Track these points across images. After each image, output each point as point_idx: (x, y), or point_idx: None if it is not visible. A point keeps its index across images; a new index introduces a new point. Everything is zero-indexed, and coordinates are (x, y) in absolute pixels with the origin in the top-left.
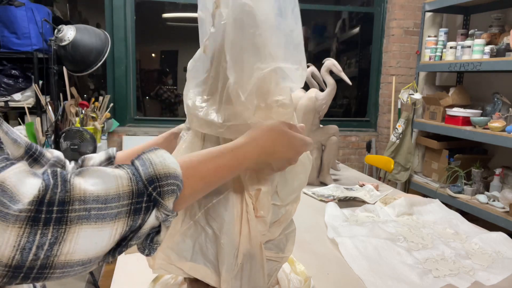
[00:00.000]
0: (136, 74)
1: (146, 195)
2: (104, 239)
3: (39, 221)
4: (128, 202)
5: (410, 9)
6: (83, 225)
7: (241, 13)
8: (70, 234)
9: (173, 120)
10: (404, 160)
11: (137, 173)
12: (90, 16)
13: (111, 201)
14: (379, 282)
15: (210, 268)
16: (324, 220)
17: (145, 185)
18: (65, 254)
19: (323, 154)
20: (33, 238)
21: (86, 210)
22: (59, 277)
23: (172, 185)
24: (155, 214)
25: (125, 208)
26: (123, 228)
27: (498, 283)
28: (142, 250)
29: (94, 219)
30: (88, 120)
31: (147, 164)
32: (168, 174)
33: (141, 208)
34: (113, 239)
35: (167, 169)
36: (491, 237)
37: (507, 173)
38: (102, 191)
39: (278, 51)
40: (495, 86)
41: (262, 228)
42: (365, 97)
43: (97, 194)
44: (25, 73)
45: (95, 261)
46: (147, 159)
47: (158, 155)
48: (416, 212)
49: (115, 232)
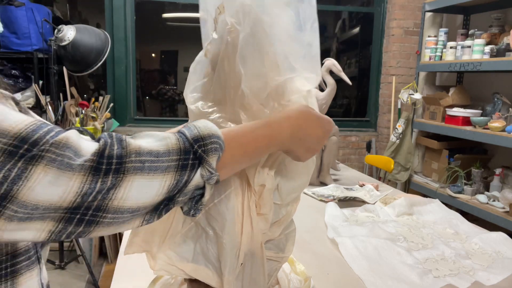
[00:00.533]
0: (136, 74)
1: (192, 152)
2: (154, 189)
3: (100, 171)
4: (177, 158)
5: (410, 9)
6: (137, 175)
7: (258, 30)
8: (125, 182)
9: (173, 120)
10: (404, 160)
11: (184, 135)
12: (90, 16)
13: (162, 155)
14: (379, 282)
15: (211, 270)
16: (324, 220)
17: (191, 144)
18: (118, 199)
19: (323, 154)
20: (94, 186)
21: (140, 162)
22: (109, 223)
23: (215, 143)
24: (200, 172)
25: (174, 163)
26: (171, 181)
27: (498, 283)
28: (188, 211)
29: (147, 171)
30: (88, 120)
31: (192, 128)
32: (211, 134)
33: (188, 164)
34: (162, 191)
35: (209, 130)
36: (491, 237)
37: (507, 173)
38: (155, 147)
39: (296, 63)
40: (495, 86)
41: (263, 227)
42: (365, 97)
43: (150, 148)
44: (25, 73)
45: (142, 211)
46: (192, 125)
47: (201, 122)
48: (416, 212)
49: (164, 184)
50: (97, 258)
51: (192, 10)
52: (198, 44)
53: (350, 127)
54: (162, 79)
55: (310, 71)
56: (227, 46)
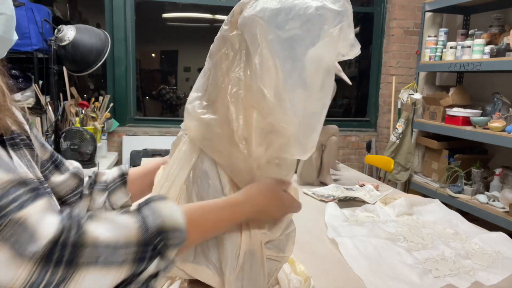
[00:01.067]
0: (136, 74)
1: (152, 245)
2: (107, 282)
3: (51, 261)
4: (135, 250)
5: (410, 9)
6: (90, 269)
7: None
8: (77, 276)
9: (173, 120)
10: (404, 160)
11: (145, 224)
12: (90, 16)
13: (120, 247)
14: (379, 282)
15: (212, 270)
16: (324, 220)
17: (152, 237)
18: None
19: (323, 154)
20: (43, 277)
21: (96, 255)
22: None
23: (177, 239)
24: (156, 263)
25: (132, 256)
26: (126, 273)
27: (498, 283)
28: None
29: (102, 264)
30: (88, 120)
31: (156, 215)
32: (175, 228)
33: (146, 257)
34: (115, 282)
35: (174, 223)
36: (491, 237)
37: (507, 173)
38: (113, 237)
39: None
40: (495, 86)
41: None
42: (365, 97)
43: (108, 241)
44: (25, 73)
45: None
46: (157, 210)
47: (167, 206)
48: (416, 212)
49: (118, 277)
50: None
51: (192, 10)
52: (198, 44)
53: (350, 127)
54: (162, 79)
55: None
56: (227, 47)
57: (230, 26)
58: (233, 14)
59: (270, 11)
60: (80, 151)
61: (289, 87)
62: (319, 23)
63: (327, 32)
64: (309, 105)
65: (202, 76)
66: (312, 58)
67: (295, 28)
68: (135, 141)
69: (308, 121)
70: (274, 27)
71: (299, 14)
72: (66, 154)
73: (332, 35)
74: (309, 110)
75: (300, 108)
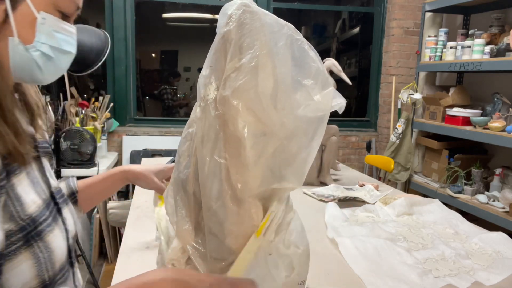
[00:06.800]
0: (136, 74)
1: None
2: None
3: None
4: None
5: (410, 9)
6: None
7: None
8: None
9: (173, 120)
10: (404, 160)
11: None
12: (90, 16)
13: None
14: (379, 282)
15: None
16: (324, 220)
17: None
18: None
19: (323, 154)
20: None
21: None
22: None
23: None
24: None
25: None
26: None
27: (498, 283)
28: None
29: None
30: (88, 120)
31: None
32: None
33: None
34: None
35: None
36: (491, 237)
37: (507, 173)
38: None
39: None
40: (495, 86)
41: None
42: (365, 97)
43: None
44: None
45: None
46: None
47: None
48: (416, 212)
49: None
50: (97, 258)
51: (192, 10)
52: (198, 44)
53: (350, 127)
54: (162, 79)
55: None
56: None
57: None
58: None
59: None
60: (80, 151)
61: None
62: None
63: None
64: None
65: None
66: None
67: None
68: (135, 141)
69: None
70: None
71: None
72: (66, 154)
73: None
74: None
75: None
